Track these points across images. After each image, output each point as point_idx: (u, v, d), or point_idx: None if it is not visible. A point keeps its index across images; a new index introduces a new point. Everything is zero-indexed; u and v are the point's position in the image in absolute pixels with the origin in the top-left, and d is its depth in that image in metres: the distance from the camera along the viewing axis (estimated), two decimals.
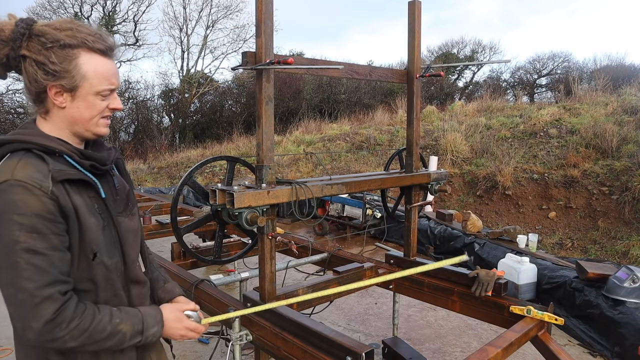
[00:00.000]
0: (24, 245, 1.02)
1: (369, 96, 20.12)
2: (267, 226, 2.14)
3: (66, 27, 1.11)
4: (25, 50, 1.08)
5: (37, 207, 1.03)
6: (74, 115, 1.15)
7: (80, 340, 1.07)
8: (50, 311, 1.03)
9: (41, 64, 1.09)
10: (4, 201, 1.02)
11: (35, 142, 1.10)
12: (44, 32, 1.08)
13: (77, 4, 19.46)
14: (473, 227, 5.49)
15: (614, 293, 3.48)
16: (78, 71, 1.11)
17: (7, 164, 1.07)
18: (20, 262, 1.01)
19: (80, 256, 1.12)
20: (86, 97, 1.15)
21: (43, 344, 1.05)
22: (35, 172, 1.06)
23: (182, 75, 21.49)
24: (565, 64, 20.35)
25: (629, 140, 8.35)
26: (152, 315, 1.22)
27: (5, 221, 1.02)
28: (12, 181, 1.03)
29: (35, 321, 1.02)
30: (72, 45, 1.10)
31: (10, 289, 1.03)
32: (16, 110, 18.01)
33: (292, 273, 4.85)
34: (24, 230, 1.02)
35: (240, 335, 2.15)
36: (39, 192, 1.04)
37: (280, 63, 1.96)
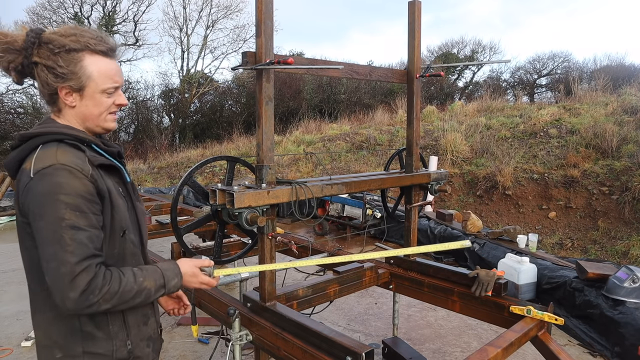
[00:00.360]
0: (69, 222, 1.14)
1: (369, 96, 20.12)
2: (267, 226, 2.14)
3: (70, 33, 1.23)
4: (37, 57, 1.21)
5: (80, 188, 1.16)
6: (84, 113, 1.29)
7: (113, 302, 1.19)
8: (85, 282, 1.14)
9: (51, 68, 1.21)
10: (51, 183, 1.14)
11: (67, 133, 1.24)
12: (51, 40, 1.21)
13: (77, 4, 19.45)
14: (473, 227, 5.49)
15: (614, 293, 3.48)
16: (84, 72, 1.23)
17: (46, 152, 1.19)
18: (65, 237, 1.13)
19: (112, 233, 1.27)
20: (93, 96, 1.27)
21: (81, 310, 1.16)
22: (75, 157, 1.20)
23: (182, 75, 21.49)
24: (565, 64, 20.36)
25: (629, 140, 8.34)
26: (171, 269, 1.34)
27: (52, 201, 1.13)
28: (58, 165, 1.16)
29: (72, 291, 1.12)
30: (77, 49, 1.22)
31: (53, 263, 1.13)
32: (16, 110, 18.01)
33: (292, 273, 4.86)
34: (69, 209, 1.14)
35: (240, 335, 2.15)
36: (81, 175, 1.17)
37: (280, 63, 1.96)
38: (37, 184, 1.15)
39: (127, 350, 1.32)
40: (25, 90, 19.08)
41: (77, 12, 19.56)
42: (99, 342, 1.28)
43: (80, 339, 1.26)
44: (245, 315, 2.26)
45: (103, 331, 1.28)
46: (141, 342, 1.37)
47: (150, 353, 1.42)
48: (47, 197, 1.14)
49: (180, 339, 3.67)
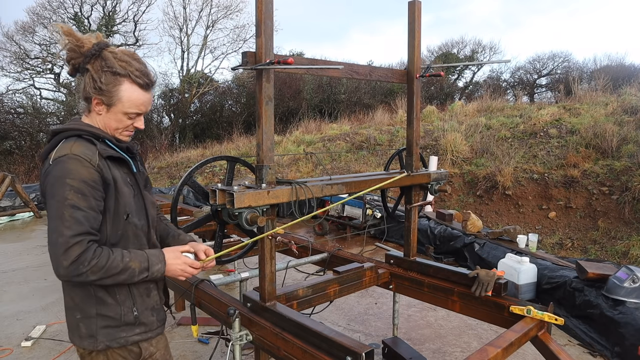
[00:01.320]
0: (70, 202, 1.35)
1: (369, 96, 20.11)
2: (267, 226, 2.14)
3: (124, 58, 1.48)
4: (90, 66, 1.46)
5: (85, 175, 1.38)
6: (105, 122, 1.53)
7: (99, 275, 1.38)
8: (76, 253, 1.34)
9: (94, 80, 1.46)
10: (62, 169, 1.38)
11: (85, 129, 1.48)
12: (107, 58, 1.46)
13: (77, 4, 19.44)
14: (473, 227, 5.49)
15: (614, 293, 3.48)
16: (116, 94, 1.47)
17: (64, 144, 1.44)
18: (66, 214, 1.35)
19: (116, 215, 1.48)
20: (117, 114, 1.51)
21: (71, 278, 1.36)
22: (86, 149, 1.43)
23: (182, 75, 21.48)
24: (565, 64, 20.37)
25: (629, 140, 8.34)
26: (156, 255, 1.53)
27: (61, 183, 1.36)
28: (70, 154, 1.40)
29: (65, 260, 1.33)
30: (121, 74, 1.46)
31: (54, 235, 1.35)
32: (16, 110, 18.00)
33: (292, 273, 4.86)
34: (72, 191, 1.36)
35: (240, 335, 2.15)
36: (88, 165, 1.40)
37: (280, 63, 1.96)
38: (53, 169, 1.39)
39: (133, 315, 1.54)
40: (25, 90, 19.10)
41: (77, 12, 19.55)
42: (109, 306, 1.50)
43: (95, 302, 1.49)
44: (245, 315, 2.26)
45: (112, 298, 1.50)
46: (146, 310, 1.58)
47: (154, 321, 1.62)
48: (57, 180, 1.36)
49: (180, 339, 3.67)
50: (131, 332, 1.53)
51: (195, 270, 1.62)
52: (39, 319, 4.12)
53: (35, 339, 3.68)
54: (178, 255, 1.59)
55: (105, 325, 1.50)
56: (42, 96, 19.61)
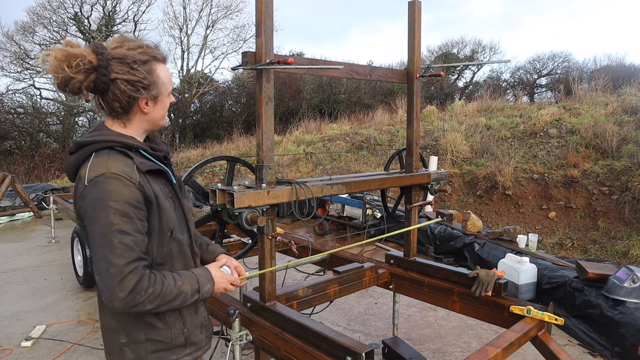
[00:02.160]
0: (118, 227, 1.22)
1: (369, 96, 20.12)
2: (267, 226, 2.14)
3: (134, 45, 1.32)
4: (115, 74, 1.28)
5: (127, 195, 1.25)
6: (154, 117, 1.41)
7: (155, 303, 1.28)
8: (133, 282, 1.23)
9: (134, 82, 1.30)
10: (102, 190, 1.23)
11: (117, 141, 1.32)
12: (123, 55, 1.29)
13: (77, 4, 19.44)
14: (473, 227, 5.49)
15: (614, 293, 3.48)
16: (158, 80, 1.35)
17: (98, 160, 1.28)
18: (114, 241, 1.22)
19: (160, 235, 1.36)
20: (163, 100, 1.40)
21: (127, 309, 1.25)
22: (124, 166, 1.28)
23: (182, 75, 21.48)
24: (565, 64, 20.38)
25: (629, 140, 8.34)
26: (204, 275, 1.43)
27: (103, 207, 1.22)
28: (108, 174, 1.24)
29: (121, 291, 1.21)
30: (148, 61, 1.33)
31: (103, 264, 1.22)
32: (16, 110, 18.01)
33: (292, 273, 4.85)
34: (117, 214, 1.23)
35: (240, 335, 2.15)
36: (129, 183, 1.26)
37: (280, 63, 1.96)
38: (90, 191, 1.24)
39: (184, 337, 1.45)
40: (25, 90, 19.09)
41: (77, 12, 19.55)
42: (159, 331, 1.40)
43: (144, 327, 1.38)
44: (245, 315, 2.26)
45: (162, 322, 1.40)
46: (195, 329, 1.50)
47: (203, 339, 1.54)
48: (98, 203, 1.23)
49: None
50: (182, 354, 1.45)
51: (234, 288, 1.55)
52: (39, 319, 4.12)
53: (35, 339, 3.68)
54: (221, 272, 1.51)
55: (156, 350, 1.40)
56: (42, 96, 19.63)
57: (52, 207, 6.95)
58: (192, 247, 1.52)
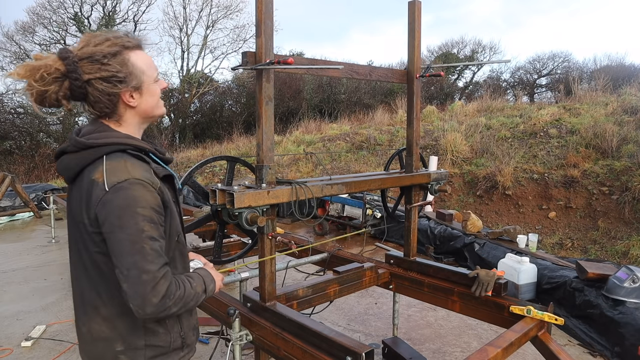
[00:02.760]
0: (148, 233, 1.21)
1: (369, 96, 20.12)
2: (267, 226, 2.14)
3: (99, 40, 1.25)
4: (87, 75, 1.22)
5: (152, 201, 1.23)
6: (145, 108, 1.35)
7: (179, 305, 1.28)
8: (165, 287, 1.22)
9: (109, 78, 1.24)
10: (128, 197, 1.20)
11: (129, 144, 1.29)
12: (91, 53, 1.23)
13: (77, 4, 19.45)
14: (473, 227, 5.49)
15: (614, 293, 3.48)
16: (136, 69, 1.29)
17: (115, 164, 1.24)
18: (146, 247, 1.20)
19: (170, 239, 1.34)
20: (149, 88, 1.33)
21: (158, 314, 1.23)
22: (144, 171, 1.26)
23: (182, 75, 21.49)
24: (565, 64, 20.38)
25: (629, 140, 8.34)
26: (206, 275, 1.44)
27: (131, 213, 1.19)
28: (132, 180, 1.21)
29: (155, 297, 1.20)
30: (120, 52, 1.26)
31: (134, 272, 1.19)
32: (16, 111, 18.00)
33: (292, 273, 4.85)
34: (146, 221, 1.21)
35: (240, 335, 2.15)
36: (152, 189, 1.24)
37: (280, 63, 1.96)
38: (115, 197, 1.20)
39: (181, 340, 1.44)
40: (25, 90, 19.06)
41: (77, 12, 19.56)
42: (159, 336, 1.38)
43: (143, 333, 1.35)
44: (245, 315, 2.26)
45: (162, 326, 1.39)
46: (189, 331, 1.50)
47: (194, 341, 1.55)
48: (125, 210, 1.19)
49: None
50: (177, 357, 1.44)
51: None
52: (39, 319, 4.12)
53: (35, 339, 3.68)
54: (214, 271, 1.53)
55: (154, 355, 1.38)
56: None
57: (52, 207, 6.96)
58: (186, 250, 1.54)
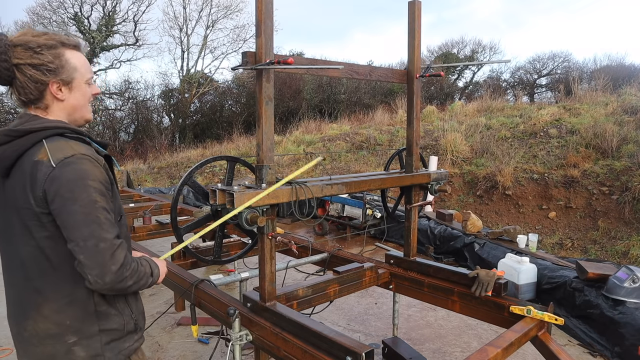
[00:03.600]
0: (101, 204, 1.24)
1: (369, 96, 20.12)
2: (267, 226, 2.14)
3: (39, 33, 1.30)
4: (16, 59, 1.25)
5: (100, 176, 1.27)
6: (73, 105, 1.36)
7: (134, 279, 1.29)
8: (122, 256, 1.25)
9: (40, 65, 1.27)
10: (78, 170, 1.22)
11: (66, 127, 1.31)
12: (27, 41, 1.27)
13: (77, 4, 19.45)
14: (473, 227, 5.49)
15: (614, 293, 3.48)
16: (70, 65, 1.32)
17: (57, 144, 1.26)
18: (101, 217, 1.23)
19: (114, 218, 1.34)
20: (80, 87, 1.36)
21: (116, 284, 1.24)
22: (88, 149, 1.30)
23: (182, 75, 21.48)
24: (565, 64, 20.38)
25: (629, 140, 8.34)
26: (151, 260, 1.45)
27: (83, 185, 1.22)
28: (79, 155, 1.24)
29: (114, 264, 1.22)
30: (55, 46, 1.30)
31: (91, 241, 1.20)
32: (16, 111, 18.00)
33: (292, 273, 4.85)
34: (97, 193, 1.24)
35: (240, 335, 2.15)
36: (98, 165, 1.28)
37: (280, 63, 1.96)
38: (64, 171, 1.21)
39: (133, 322, 1.46)
40: None
41: (77, 12, 19.56)
42: (112, 318, 1.38)
43: (96, 319, 1.35)
44: (245, 315, 2.26)
45: (114, 308, 1.39)
46: (139, 315, 1.51)
47: (144, 325, 1.56)
48: (76, 183, 1.21)
49: (180, 339, 3.67)
50: (132, 340, 1.45)
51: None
52: None
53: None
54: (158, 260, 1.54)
55: (110, 340, 1.38)
56: None
57: None
58: None
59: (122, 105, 20.76)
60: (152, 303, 4.31)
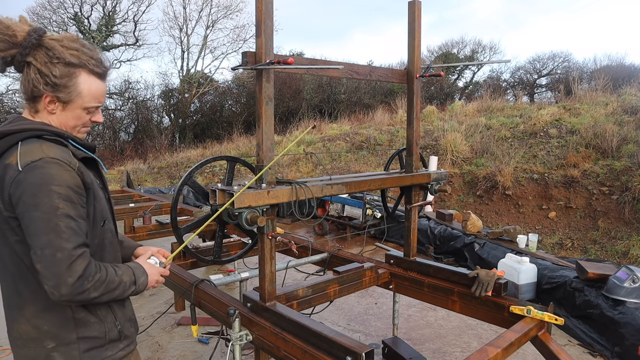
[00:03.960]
0: (63, 211, 1.18)
1: (369, 96, 20.12)
2: (267, 226, 2.14)
3: (72, 46, 1.27)
4: (32, 58, 1.23)
5: (69, 180, 1.21)
6: (60, 121, 1.32)
7: (100, 290, 1.24)
8: (82, 267, 1.19)
9: (44, 75, 1.23)
10: (42, 174, 1.17)
11: (46, 129, 1.27)
12: (52, 47, 1.24)
13: (77, 4, 19.44)
14: (473, 227, 5.49)
15: (614, 293, 3.48)
16: (75, 88, 1.28)
17: (30, 147, 1.22)
18: (61, 225, 1.17)
19: (94, 224, 1.32)
20: (75, 110, 1.31)
21: (74, 296, 1.19)
22: (61, 152, 1.24)
23: (182, 75, 21.48)
24: (565, 64, 20.38)
25: (629, 140, 8.34)
26: (138, 267, 1.41)
27: (46, 191, 1.17)
28: (47, 158, 1.19)
29: (70, 276, 1.17)
30: (75, 65, 1.26)
31: (48, 250, 1.16)
32: (16, 110, 18.00)
33: (292, 273, 4.85)
34: (61, 199, 1.18)
35: (240, 335, 2.15)
36: (69, 168, 1.22)
37: (280, 63, 1.96)
38: (28, 175, 1.17)
39: (117, 330, 1.40)
40: None
41: (77, 12, 19.55)
42: (92, 326, 1.34)
43: (74, 325, 1.31)
44: (245, 315, 2.26)
45: (94, 315, 1.34)
46: (126, 322, 1.46)
47: (133, 333, 1.50)
48: (39, 188, 1.17)
49: (180, 339, 3.67)
50: (116, 349, 1.39)
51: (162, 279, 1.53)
52: None
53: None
54: (151, 265, 1.48)
55: (89, 348, 1.33)
56: None
57: None
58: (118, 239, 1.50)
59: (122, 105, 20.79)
60: (152, 303, 4.31)
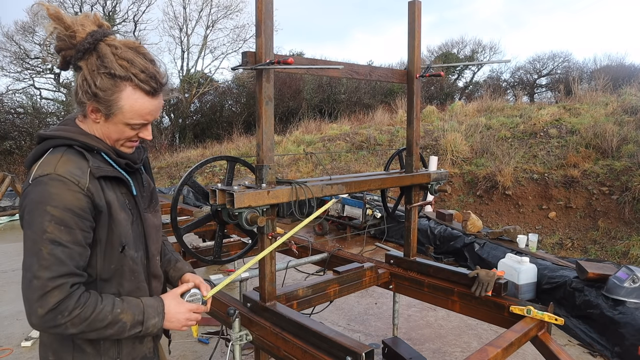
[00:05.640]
0: (50, 235, 1.09)
1: (369, 96, 20.12)
2: (267, 226, 2.14)
3: (126, 56, 1.16)
4: (83, 63, 1.16)
5: (70, 202, 1.12)
6: (103, 132, 1.24)
7: (80, 328, 1.14)
8: (55, 300, 1.09)
9: (88, 84, 1.15)
10: (42, 192, 1.11)
11: (77, 139, 1.20)
12: (105, 54, 1.15)
13: (77, 4, 19.46)
14: (473, 227, 5.49)
15: (614, 293, 3.48)
16: (116, 103, 1.18)
17: (50, 158, 1.16)
18: (43, 251, 1.09)
19: (109, 247, 1.21)
20: (117, 124, 1.22)
21: (45, 329, 1.13)
22: (75, 168, 1.15)
23: (182, 75, 21.48)
24: (565, 64, 20.38)
25: (629, 140, 8.34)
26: (154, 306, 1.27)
27: (39, 210, 1.10)
28: (53, 175, 1.12)
29: (41, 307, 1.09)
30: (121, 77, 1.16)
31: (28, 274, 1.10)
32: (16, 110, 18.01)
33: (292, 273, 4.85)
34: (53, 222, 1.10)
35: (240, 335, 2.15)
36: (76, 188, 1.13)
37: (280, 63, 1.96)
38: (31, 190, 1.13)
39: None
40: (25, 90, 19.10)
41: (77, 12, 19.55)
42: (87, 356, 1.25)
43: (72, 349, 1.24)
44: (245, 315, 2.26)
45: (93, 346, 1.25)
46: None
47: None
48: (36, 206, 1.11)
49: (180, 339, 3.67)
50: None
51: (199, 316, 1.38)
52: None
53: (35, 339, 3.67)
54: (180, 302, 1.34)
55: None
56: (42, 96, 19.67)
57: None
58: (150, 267, 1.36)
59: None
60: None
